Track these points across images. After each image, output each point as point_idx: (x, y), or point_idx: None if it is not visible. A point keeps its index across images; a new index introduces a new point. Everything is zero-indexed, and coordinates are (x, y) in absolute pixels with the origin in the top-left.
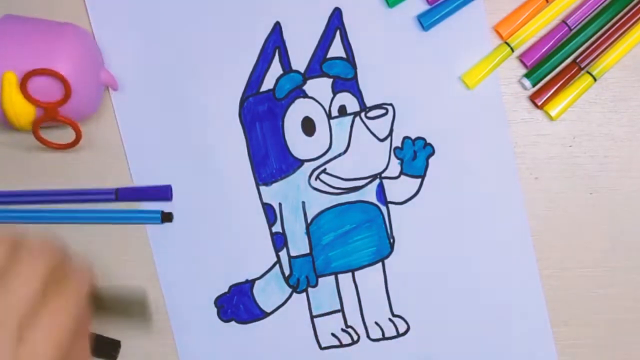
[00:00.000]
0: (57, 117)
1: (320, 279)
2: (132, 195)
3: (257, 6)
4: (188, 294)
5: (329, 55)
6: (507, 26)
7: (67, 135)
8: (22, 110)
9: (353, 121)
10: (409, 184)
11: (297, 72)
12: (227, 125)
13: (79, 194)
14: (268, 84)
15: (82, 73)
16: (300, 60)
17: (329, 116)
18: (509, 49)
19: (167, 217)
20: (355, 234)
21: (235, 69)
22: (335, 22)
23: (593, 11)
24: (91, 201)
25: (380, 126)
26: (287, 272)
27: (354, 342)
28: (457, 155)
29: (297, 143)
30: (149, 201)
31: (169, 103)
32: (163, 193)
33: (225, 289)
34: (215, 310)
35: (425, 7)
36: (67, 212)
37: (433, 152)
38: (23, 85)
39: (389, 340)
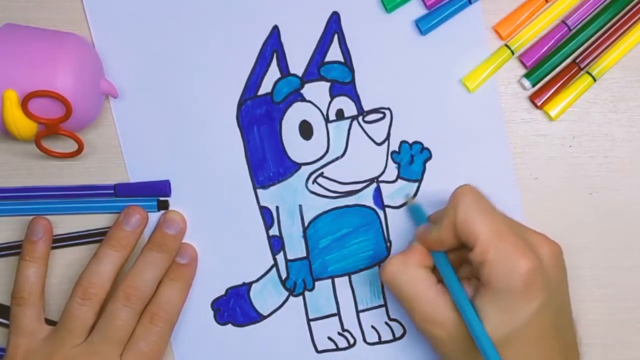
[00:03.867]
0: (58, 132)
1: (317, 283)
2: (131, 191)
3: (255, 10)
4: None
5: (327, 59)
6: (506, 26)
7: (70, 143)
8: (23, 126)
9: (350, 125)
10: (406, 188)
11: (294, 75)
12: (225, 128)
13: (78, 190)
14: (266, 87)
15: (82, 87)
16: (298, 64)
17: (327, 120)
18: (509, 51)
19: (163, 205)
20: (352, 238)
21: (233, 73)
22: (333, 26)
23: (593, 11)
24: (90, 196)
25: (378, 130)
26: (283, 276)
27: (350, 346)
28: (454, 159)
29: (295, 146)
30: (147, 197)
31: (167, 107)
32: (161, 188)
33: (222, 292)
34: (211, 313)
35: (423, 11)
36: (66, 202)
37: (430, 157)
38: (24, 104)
39: (386, 344)
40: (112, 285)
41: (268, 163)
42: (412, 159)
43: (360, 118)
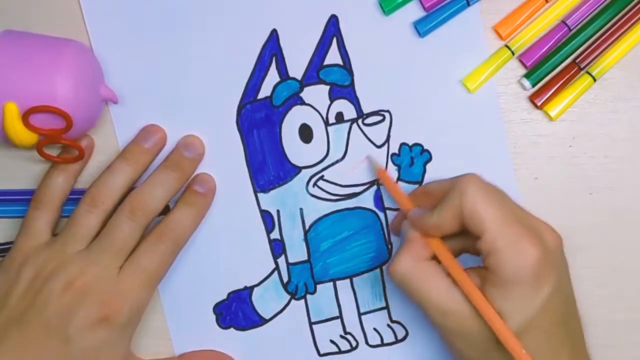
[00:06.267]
0: (60, 141)
1: (318, 286)
2: None
3: (253, 14)
4: (186, 301)
5: (326, 62)
6: (506, 26)
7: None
8: (25, 137)
9: (350, 128)
10: (406, 191)
11: (294, 79)
12: (225, 132)
13: (79, 194)
14: (265, 91)
15: (83, 96)
16: (297, 67)
17: (326, 123)
18: (509, 52)
19: (164, 209)
20: (353, 241)
21: (232, 77)
22: (332, 30)
23: (593, 11)
24: None
25: (378, 133)
26: (285, 279)
27: (352, 349)
28: (454, 161)
29: (295, 150)
30: None
31: (166, 112)
32: None
33: (224, 296)
34: (214, 317)
35: (421, 13)
36: (66, 205)
37: (430, 158)
38: (25, 117)
39: (388, 347)
40: (121, 199)
41: (268, 167)
42: (412, 161)
43: (359, 121)
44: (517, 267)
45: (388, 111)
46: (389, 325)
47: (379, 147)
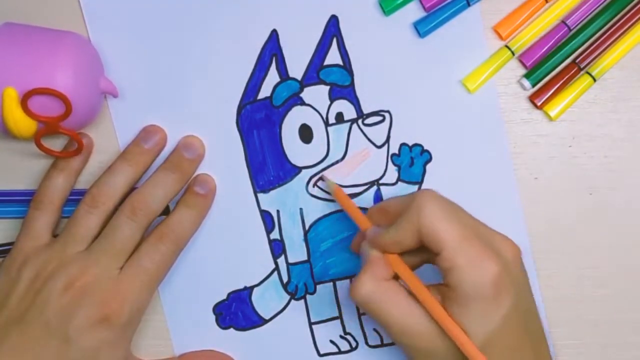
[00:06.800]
0: (58, 130)
1: (318, 286)
2: None
3: (254, 14)
4: (186, 301)
5: (326, 62)
6: (506, 26)
7: (69, 143)
8: (23, 125)
9: (350, 128)
10: (406, 191)
11: (294, 79)
12: (225, 133)
13: (78, 195)
14: (265, 91)
15: (82, 86)
16: (297, 67)
17: (327, 123)
18: (509, 52)
19: (164, 210)
20: None
21: (232, 77)
22: (332, 30)
23: (593, 11)
24: None
25: (378, 133)
26: (285, 279)
27: (352, 349)
28: (454, 161)
29: (295, 150)
30: None
31: (166, 111)
32: None
33: (224, 296)
34: (213, 317)
35: (421, 14)
36: (65, 205)
37: (430, 159)
38: (24, 102)
39: (388, 347)
40: (121, 200)
41: (268, 167)
42: (412, 161)
43: (360, 121)
44: (477, 283)
45: (388, 111)
46: None
47: (379, 147)
